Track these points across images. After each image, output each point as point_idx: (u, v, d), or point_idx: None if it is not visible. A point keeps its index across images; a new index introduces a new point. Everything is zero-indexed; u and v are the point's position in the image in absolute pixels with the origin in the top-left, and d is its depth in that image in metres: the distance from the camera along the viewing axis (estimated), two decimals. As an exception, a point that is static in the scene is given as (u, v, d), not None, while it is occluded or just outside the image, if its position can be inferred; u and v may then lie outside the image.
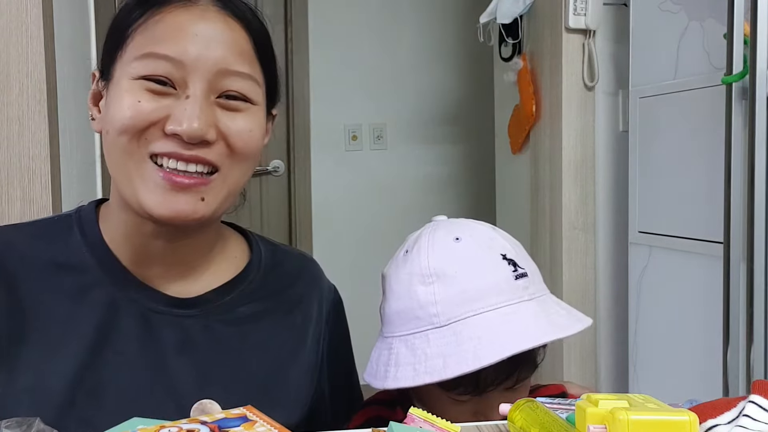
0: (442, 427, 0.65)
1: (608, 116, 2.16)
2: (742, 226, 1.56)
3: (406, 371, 0.78)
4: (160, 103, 0.74)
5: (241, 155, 0.78)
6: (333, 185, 3.21)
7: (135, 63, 0.75)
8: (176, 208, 0.74)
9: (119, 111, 0.74)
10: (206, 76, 0.75)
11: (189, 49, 0.74)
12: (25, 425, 0.56)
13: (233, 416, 0.59)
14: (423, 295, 0.80)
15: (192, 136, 0.73)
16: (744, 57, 1.53)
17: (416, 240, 0.86)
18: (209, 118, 0.74)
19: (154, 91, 0.74)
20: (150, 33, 0.76)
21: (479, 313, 0.78)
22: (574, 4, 2.07)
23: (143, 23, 0.77)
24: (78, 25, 1.81)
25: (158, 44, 0.75)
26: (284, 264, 0.91)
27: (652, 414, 0.56)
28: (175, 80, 0.75)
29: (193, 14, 0.76)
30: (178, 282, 0.82)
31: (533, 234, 2.40)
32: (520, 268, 0.82)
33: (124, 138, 0.74)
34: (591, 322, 0.82)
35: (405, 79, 3.28)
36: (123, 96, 0.75)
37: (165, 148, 0.74)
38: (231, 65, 0.76)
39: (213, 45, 0.75)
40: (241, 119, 0.77)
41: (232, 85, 0.77)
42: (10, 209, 1.48)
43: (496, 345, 0.75)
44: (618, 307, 2.17)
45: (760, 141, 1.51)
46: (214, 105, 0.76)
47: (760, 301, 1.52)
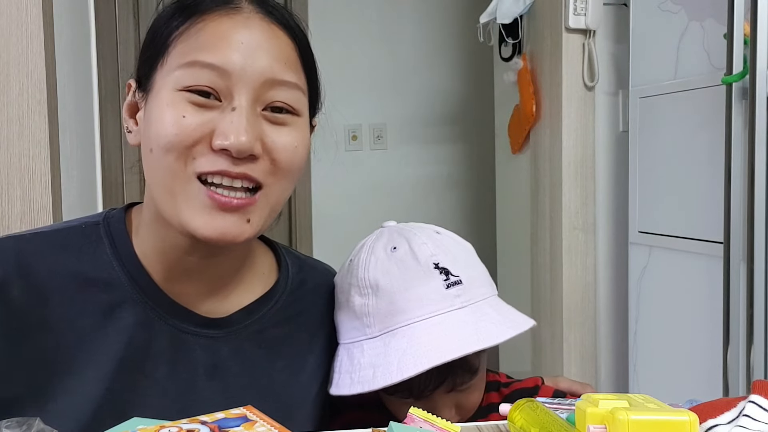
0: (442, 427, 0.65)
1: (608, 116, 2.17)
2: (742, 226, 1.56)
3: (344, 379, 0.81)
4: (205, 116, 0.71)
5: (285, 171, 0.75)
6: (333, 185, 3.21)
7: (177, 72, 0.72)
8: (223, 230, 0.72)
9: (162, 127, 0.71)
10: (252, 86, 0.72)
11: (234, 58, 0.71)
12: (25, 425, 0.56)
13: (233, 416, 0.59)
14: (359, 306, 0.82)
15: (240, 150, 0.70)
16: (744, 57, 1.53)
17: (359, 249, 0.87)
18: (256, 131, 0.72)
19: (197, 103, 0.71)
20: (193, 41, 0.73)
21: (407, 325, 0.79)
22: (574, 4, 2.07)
23: (185, 31, 0.74)
24: (78, 25, 1.81)
25: (202, 52, 0.72)
26: (309, 281, 0.89)
27: (652, 414, 0.56)
28: (220, 91, 0.72)
29: (236, 22, 0.74)
30: (208, 299, 0.80)
31: (533, 234, 2.40)
32: (453, 276, 0.82)
33: (170, 157, 0.71)
34: (530, 325, 0.82)
35: (405, 79, 3.28)
36: (165, 110, 0.72)
37: (212, 167, 0.71)
38: (277, 74, 0.73)
39: (259, 53, 0.73)
40: (286, 134, 0.75)
41: (279, 95, 0.74)
42: (10, 209, 1.48)
43: (419, 357, 0.76)
44: (618, 307, 2.17)
45: (760, 141, 1.51)
46: (260, 117, 0.73)
47: (760, 301, 1.52)
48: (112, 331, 0.75)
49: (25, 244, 0.76)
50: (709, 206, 1.68)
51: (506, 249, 2.71)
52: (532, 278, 2.40)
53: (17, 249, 0.75)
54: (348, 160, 3.25)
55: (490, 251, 2.84)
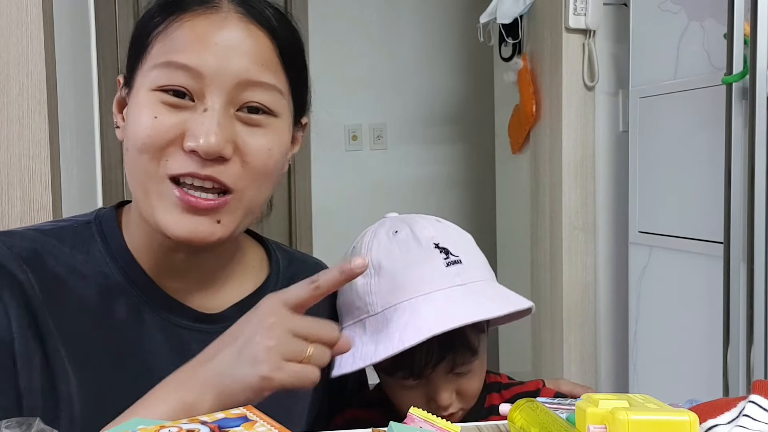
0: (442, 427, 0.65)
1: (608, 116, 2.17)
2: (742, 226, 1.56)
3: (347, 359, 0.82)
4: (178, 117, 0.72)
5: (258, 174, 0.75)
6: (333, 185, 3.21)
7: (153, 72, 0.73)
8: (193, 230, 0.73)
9: (137, 127, 0.72)
10: (226, 87, 0.72)
11: (208, 59, 0.71)
12: (25, 425, 0.56)
13: (233, 416, 0.59)
14: (361, 286, 0.84)
15: (208, 151, 0.70)
16: (744, 57, 1.53)
17: (362, 236, 0.90)
18: (227, 133, 0.72)
19: (171, 104, 0.72)
20: (170, 41, 0.73)
21: (408, 300, 0.81)
22: (574, 4, 2.07)
23: (163, 30, 0.74)
24: (78, 25, 1.81)
25: (176, 53, 0.72)
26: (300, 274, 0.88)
27: (652, 414, 0.56)
28: (194, 92, 0.72)
29: (213, 22, 0.73)
30: (200, 294, 0.81)
31: (533, 234, 2.40)
32: (453, 256, 0.84)
33: (144, 157, 0.72)
34: (529, 305, 0.85)
35: (405, 79, 3.28)
36: (141, 110, 0.73)
37: (182, 168, 0.71)
38: (253, 75, 0.73)
39: (233, 55, 0.72)
40: (261, 136, 0.74)
41: (254, 96, 0.73)
42: (10, 209, 1.48)
43: (420, 327, 0.78)
44: (618, 307, 2.17)
45: (760, 141, 1.51)
46: (233, 119, 0.73)
47: (760, 301, 1.52)
48: (108, 325, 0.76)
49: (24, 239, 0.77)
50: (709, 206, 1.68)
51: (506, 249, 2.71)
52: (532, 278, 2.40)
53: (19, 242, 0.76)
54: (348, 160, 3.25)
55: (490, 251, 2.84)
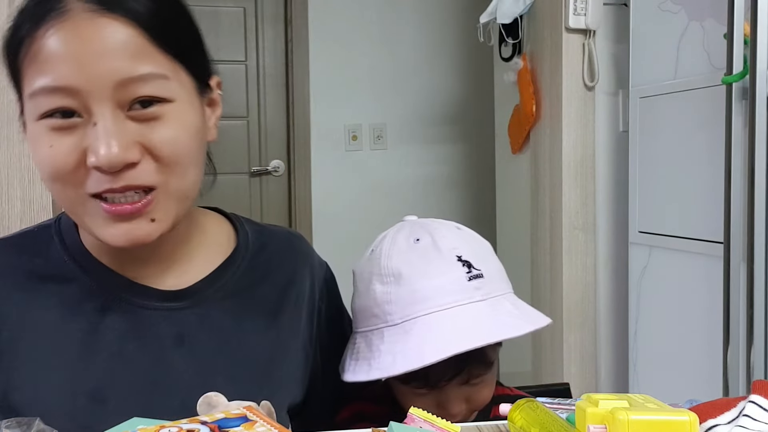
0: (442, 427, 0.65)
1: (608, 116, 2.16)
2: (742, 226, 1.56)
3: (362, 366, 0.82)
4: (72, 139, 0.69)
5: (173, 164, 0.71)
6: (333, 185, 3.21)
7: (32, 101, 0.69)
8: (130, 236, 0.72)
9: (39, 162, 0.71)
10: (106, 94, 0.67)
11: (76, 74, 0.67)
12: (25, 425, 0.56)
13: (233, 416, 0.59)
14: (380, 294, 0.83)
15: (111, 164, 0.67)
16: (744, 57, 1.53)
17: (381, 240, 0.89)
18: (125, 139, 0.68)
19: (61, 127, 0.68)
20: (35, 63, 0.69)
21: (429, 313, 0.80)
22: (574, 4, 2.07)
23: (27, 51, 0.69)
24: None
25: (44, 76, 0.67)
26: (272, 243, 0.89)
27: (652, 414, 0.56)
28: (78, 108, 0.68)
29: (66, 31, 0.68)
30: (166, 277, 0.81)
31: (533, 234, 2.40)
32: (475, 270, 0.83)
33: (58, 186, 0.71)
34: (547, 322, 0.84)
35: (405, 79, 3.28)
36: (35, 145, 0.71)
37: (98, 187, 0.69)
38: (127, 72, 0.68)
39: (98, 59, 0.67)
40: (161, 127, 0.70)
41: (138, 91, 0.69)
42: (10, 209, 1.48)
43: (439, 344, 0.77)
44: (618, 307, 2.17)
45: (760, 141, 1.51)
46: (127, 121, 0.69)
47: (760, 301, 1.52)
48: (72, 319, 0.76)
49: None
50: (709, 206, 1.68)
51: (506, 249, 2.71)
52: (532, 278, 2.40)
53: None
54: (348, 160, 3.25)
55: (490, 251, 2.83)
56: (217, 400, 0.66)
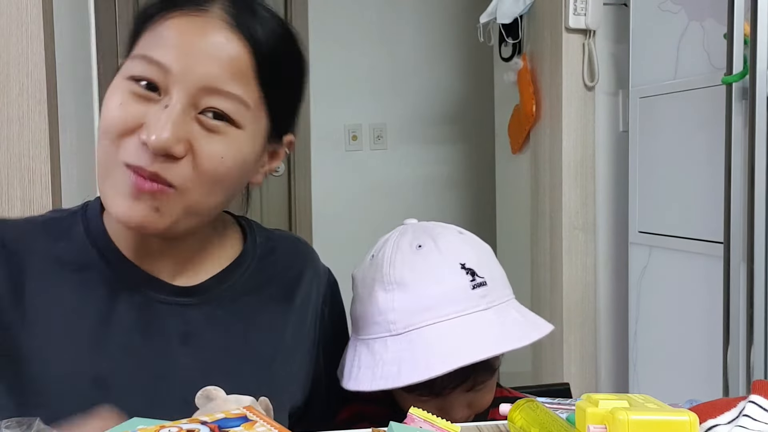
0: (442, 427, 0.65)
1: (608, 116, 2.16)
2: (742, 226, 1.56)
3: (365, 374, 0.81)
4: (141, 108, 0.73)
5: (207, 178, 0.74)
6: (333, 185, 3.21)
7: (130, 62, 0.75)
8: (134, 217, 0.73)
9: (105, 110, 0.74)
10: (189, 89, 0.72)
11: (179, 59, 0.72)
12: (25, 425, 0.56)
13: (233, 416, 0.59)
14: (383, 301, 0.82)
15: (157, 147, 0.70)
16: (744, 57, 1.53)
17: (383, 245, 0.87)
18: (180, 132, 0.72)
19: (138, 94, 0.73)
20: (153, 35, 0.75)
21: (434, 323, 0.80)
22: (574, 4, 2.07)
23: (152, 25, 0.76)
24: (78, 25, 1.81)
25: (153, 48, 0.74)
26: (279, 248, 0.91)
27: (652, 414, 0.56)
28: (161, 87, 0.73)
29: (195, 25, 0.74)
30: (179, 273, 0.83)
31: (533, 234, 2.40)
32: (479, 277, 0.83)
33: (106, 140, 0.74)
34: (550, 329, 0.84)
35: (405, 79, 3.28)
36: (111, 95, 0.75)
37: (134, 160, 0.72)
38: (218, 83, 0.73)
39: (204, 59, 0.73)
40: (216, 142, 0.74)
41: (215, 103, 0.73)
42: (10, 209, 1.48)
43: (447, 355, 0.76)
44: (618, 307, 2.17)
45: (760, 141, 1.51)
46: (193, 120, 0.73)
47: (760, 301, 1.52)
48: (87, 304, 0.78)
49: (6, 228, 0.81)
50: (709, 206, 1.68)
51: (506, 249, 2.71)
52: (532, 278, 2.40)
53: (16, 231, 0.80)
54: (348, 160, 3.25)
55: (490, 251, 2.83)
56: (216, 394, 0.66)
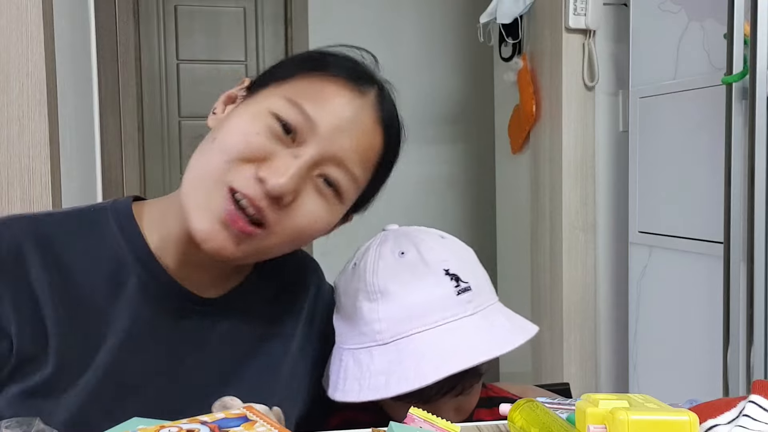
0: (442, 427, 0.65)
1: (608, 116, 2.17)
2: (742, 226, 1.57)
3: (352, 385, 0.80)
4: (271, 146, 0.75)
5: (295, 231, 0.78)
6: (333, 185, 3.21)
7: (280, 101, 0.77)
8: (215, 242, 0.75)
9: (235, 130, 0.76)
10: (323, 152, 0.76)
11: (329, 122, 0.76)
12: (26, 425, 0.56)
13: (233, 416, 0.59)
14: (367, 312, 0.81)
15: (275, 190, 0.73)
16: (744, 57, 1.53)
17: (364, 253, 0.87)
18: (298, 185, 0.75)
19: (275, 132, 0.76)
20: (310, 88, 0.78)
21: (421, 331, 0.79)
22: (574, 4, 2.08)
23: (310, 75, 0.79)
24: (78, 25, 1.81)
25: (309, 101, 0.76)
26: (288, 264, 0.92)
27: (652, 414, 0.56)
28: (298, 136, 0.76)
29: (353, 100, 0.79)
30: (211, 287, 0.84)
31: (533, 234, 2.40)
32: (463, 282, 0.82)
33: (221, 157, 0.75)
34: (536, 331, 0.84)
35: (405, 79, 3.27)
36: (248, 119, 0.76)
37: (244, 188, 0.74)
38: (348, 161, 0.77)
39: (348, 135, 0.77)
40: (319, 206, 0.78)
41: (336, 175, 0.77)
42: (10, 209, 1.48)
43: (437, 363, 0.76)
44: (618, 307, 2.17)
45: (760, 141, 1.51)
46: (311, 179, 0.77)
47: (760, 301, 1.52)
48: (120, 305, 0.78)
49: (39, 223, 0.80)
50: (709, 206, 1.68)
51: (506, 249, 2.71)
52: (532, 278, 2.40)
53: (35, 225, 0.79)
54: (348, 160, 3.25)
55: (490, 251, 2.83)
56: (232, 404, 0.67)
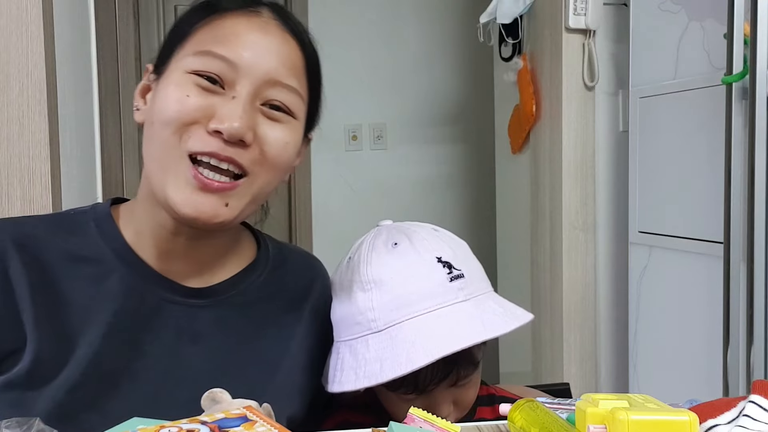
0: (442, 427, 0.65)
1: (608, 116, 2.16)
2: (742, 226, 1.56)
3: (348, 376, 0.81)
4: (207, 100, 0.77)
5: (272, 164, 0.80)
6: (333, 185, 3.21)
7: (191, 58, 0.78)
8: (200, 209, 0.76)
9: (166, 103, 0.77)
10: (255, 81, 0.77)
11: (244, 54, 0.78)
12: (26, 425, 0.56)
13: (233, 416, 0.59)
14: (362, 301, 0.83)
15: (232, 134, 0.75)
16: (744, 57, 1.53)
17: (358, 247, 0.89)
18: (250, 121, 0.77)
19: (203, 87, 0.77)
20: (211, 33, 0.79)
21: (414, 317, 0.80)
22: (574, 4, 2.07)
23: (206, 24, 0.80)
24: (78, 25, 1.81)
25: (217, 44, 0.78)
26: (290, 261, 0.93)
27: (652, 414, 0.56)
28: (225, 80, 0.77)
29: (254, 24, 0.80)
30: (193, 277, 0.84)
31: (533, 234, 2.40)
32: (456, 270, 0.83)
33: (167, 131, 0.76)
34: (530, 318, 0.84)
35: (405, 79, 3.28)
36: (172, 88, 0.77)
37: (204, 147, 0.76)
38: (280, 77, 0.79)
39: (267, 55, 0.79)
40: (279, 130, 0.80)
41: (278, 95, 0.79)
42: (10, 209, 1.48)
43: (428, 347, 0.76)
44: (618, 307, 2.17)
45: (760, 141, 1.51)
46: (257, 110, 0.78)
47: (760, 301, 1.52)
48: (102, 299, 0.79)
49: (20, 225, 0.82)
50: (709, 206, 1.68)
51: (506, 249, 2.71)
52: (532, 278, 2.40)
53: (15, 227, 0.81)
54: (348, 160, 3.25)
55: (490, 251, 2.83)
56: (222, 396, 0.66)
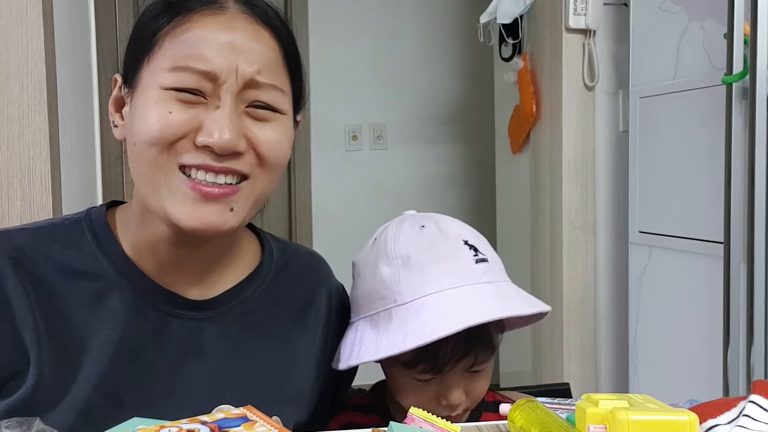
0: (442, 427, 0.65)
1: (608, 116, 2.16)
2: (742, 226, 1.56)
3: (368, 348, 0.82)
4: (190, 113, 0.74)
5: (270, 164, 0.78)
6: (333, 185, 3.21)
7: (166, 74, 0.74)
8: (205, 219, 0.74)
9: (147, 123, 0.73)
10: (236, 88, 0.75)
11: (221, 63, 0.74)
12: (26, 425, 0.56)
13: (233, 416, 0.59)
14: (387, 276, 0.84)
15: (223, 147, 0.73)
16: (744, 57, 1.53)
17: (384, 229, 0.90)
18: (239, 129, 0.74)
19: (184, 101, 0.74)
20: (180, 42, 0.75)
21: (439, 292, 0.81)
22: (574, 4, 2.07)
23: (171, 30, 0.76)
24: (78, 25, 1.81)
25: (191, 59, 0.74)
26: (294, 263, 0.91)
27: (652, 414, 0.56)
28: (206, 91, 0.74)
29: (221, 23, 0.76)
30: (196, 287, 0.82)
31: (533, 234, 2.40)
32: (481, 254, 0.86)
33: (153, 150, 0.73)
34: (549, 309, 0.86)
35: (405, 79, 3.28)
36: (152, 107, 0.74)
37: (195, 160, 0.73)
38: (260, 77, 0.76)
39: (243, 57, 0.75)
40: (270, 129, 0.77)
41: (261, 96, 0.77)
42: (10, 209, 1.48)
43: (452, 319, 0.78)
44: (618, 307, 2.17)
45: (760, 141, 1.51)
46: (243, 114, 0.76)
47: (760, 301, 1.52)
48: (103, 317, 0.77)
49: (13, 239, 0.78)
50: (709, 206, 1.68)
51: (506, 249, 2.71)
52: (532, 278, 2.40)
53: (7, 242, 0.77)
54: (348, 160, 3.25)
55: (490, 251, 2.83)
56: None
